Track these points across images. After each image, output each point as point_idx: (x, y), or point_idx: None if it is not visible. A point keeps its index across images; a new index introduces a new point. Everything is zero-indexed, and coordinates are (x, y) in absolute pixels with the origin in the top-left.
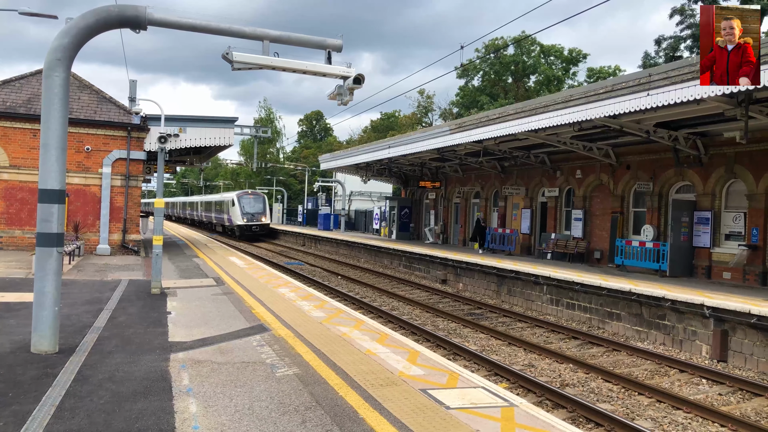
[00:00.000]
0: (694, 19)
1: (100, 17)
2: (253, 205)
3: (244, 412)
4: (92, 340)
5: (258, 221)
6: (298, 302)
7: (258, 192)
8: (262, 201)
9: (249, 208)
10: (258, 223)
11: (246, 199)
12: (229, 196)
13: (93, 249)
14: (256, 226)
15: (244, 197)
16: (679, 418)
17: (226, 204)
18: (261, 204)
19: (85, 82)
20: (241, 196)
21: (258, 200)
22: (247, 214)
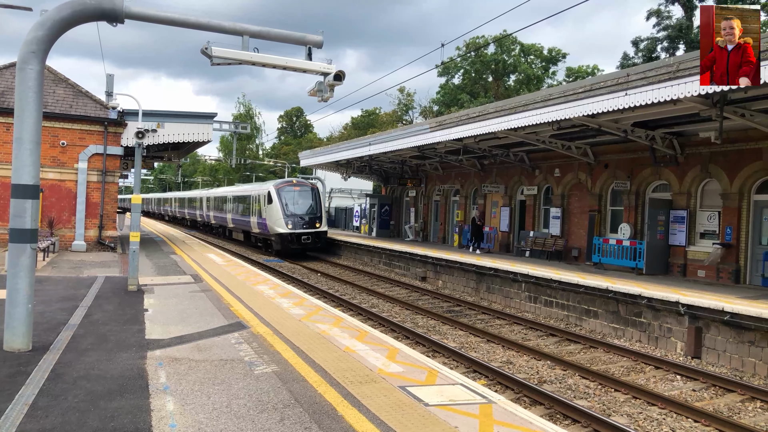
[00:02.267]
0: (670, 21)
1: (76, 10)
2: (303, 203)
3: (222, 410)
4: (67, 338)
5: (311, 227)
6: (277, 299)
7: (304, 181)
8: (315, 196)
9: (296, 207)
10: (311, 231)
11: (290, 193)
12: (262, 189)
13: (68, 245)
14: (308, 236)
15: (287, 189)
16: (654, 414)
17: (257, 200)
18: (313, 200)
19: (60, 75)
20: (281, 187)
21: (307, 194)
22: (294, 216)
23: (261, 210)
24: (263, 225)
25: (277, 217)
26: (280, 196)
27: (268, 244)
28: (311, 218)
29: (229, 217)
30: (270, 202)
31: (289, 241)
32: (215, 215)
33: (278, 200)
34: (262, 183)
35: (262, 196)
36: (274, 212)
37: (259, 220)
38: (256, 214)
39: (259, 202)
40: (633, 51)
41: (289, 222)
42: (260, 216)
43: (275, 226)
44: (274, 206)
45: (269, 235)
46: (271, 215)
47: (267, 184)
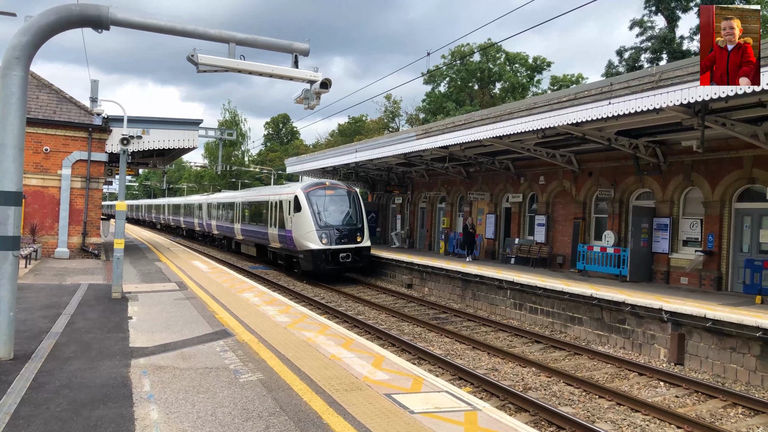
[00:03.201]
0: (653, 31)
1: (60, 16)
2: (340, 210)
3: (207, 419)
4: (49, 346)
5: (351, 242)
6: (263, 307)
7: (339, 183)
8: (354, 202)
9: (332, 216)
10: (351, 247)
11: (323, 198)
12: (285, 193)
13: (51, 252)
14: (347, 253)
15: (319, 193)
16: (638, 420)
17: (277, 207)
18: (352, 207)
19: (44, 81)
20: (312, 191)
21: (345, 199)
22: (330, 228)
23: (284, 219)
24: (287, 239)
25: (307, 229)
26: (310, 201)
27: (293, 263)
28: (351, 230)
29: (237, 227)
30: (297, 209)
31: (324, 260)
32: (219, 224)
33: (309, 207)
34: (283, 186)
35: (286, 202)
36: (303, 222)
37: (280, 232)
38: (275, 224)
39: (280, 209)
40: (617, 60)
41: (323, 235)
42: (282, 227)
43: (305, 240)
44: (304, 215)
45: (295, 251)
46: (300, 226)
47: (291, 187)
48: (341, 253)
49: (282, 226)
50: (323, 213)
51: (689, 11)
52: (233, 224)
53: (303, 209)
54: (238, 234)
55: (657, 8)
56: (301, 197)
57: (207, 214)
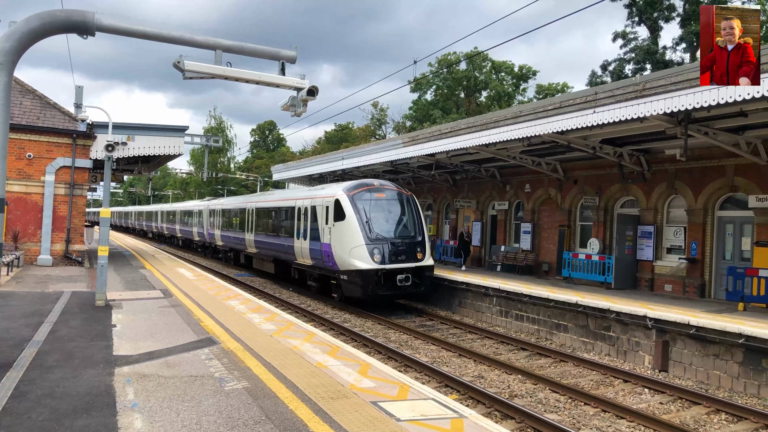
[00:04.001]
0: (637, 42)
1: (45, 22)
2: (394, 219)
3: (192, 427)
4: (31, 355)
5: (410, 260)
6: (249, 315)
7: (390, 184)
8: (411, 208)
9: (385, 226)
10: (410, 266)
11: (373, 203)
12: (320, 197)
13: (33, 259)
14: (406, 274)
15: (366, 197)
16: (623, 427)
17: (308, 215)
18: (408, 213)
19: (27, 86)
20: (358, 193)
21: (399, 204)
22: (383, 242)
23: (318, 230)
24: (322, 254)
25: (353, 243)
26: (357, 207)
27: (330, 285)
28: (409, 244)
29: (249, 238)
30: (339, 216)
31: (376, 283)
32: (225, 234)
33: (355, 214)
34: (315, 188)
35: (321, 208)
36: (347, 234)
37: (312, 246)
38: (305, 235)
39: (312, 217)
40: (601, 71)
41: (375, 251)
42: (314, 239)
43: (350, 257)
44: (349, 225)
45: (333, 270)
46: (343, 239)
47: (329, 189)
48: (399, 274)
49: (315, 238)
50: (374, 222)
51: (671, 21)
52: (244, 234)
53: (348, 217)
54: (250, 246)
55: (640, 19)
56: (345, 201)
57: (209, 222)
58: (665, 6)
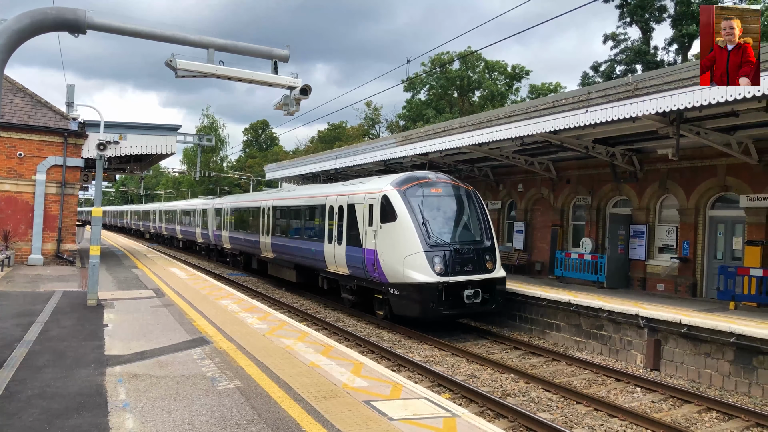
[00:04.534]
0: (627, 43)
1: (36, 20)
2: (457, 219)
3: (184, 427)
4: (22, 355)
5: (479, 271)
6: (241, 314)
7: (446, 177)
8: (475, 206)
9: (445, 230)
10: (480, 278)
11: (428, 199)
12: (361, 192)
13: (24, 259)
14: (475, 289)
15: (421, 192)
16: (615, 426)
17: (348, 213)
18: (473, 213)
19: (18, 85)
20: (410, 188)
21: (460, 200)
22: (445, 248)
23: (360, 233)
24: (366, 262)
25: (408, 249)
26: (411, 205)
27: (375, 300)
28: (477, 252)
29: (264, 241)
30: (389, 216)
31: (438, 300)
32: (233, 236)
33: (410, 214)
34: (353, 182)
35: (364, 207)
36: (400, 238)
37: (350, 252)
38: (340, 238)
39: (350, 216)
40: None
41: (436, 260)
42: (354, 243)
43: (405, 266)
44: (402, 227)
45: (381, 282)
46: (393, 244)
47: (374, 182)
48: (465, 288)
49: (353, 243)
50: (432, 223)
51: (662, 22)
52: (258, 236)
53: (400, 217)
54: (266, 250)
55: (631, 20)
56: (396, 198)
57: (215, 222)
58: (656, 7)
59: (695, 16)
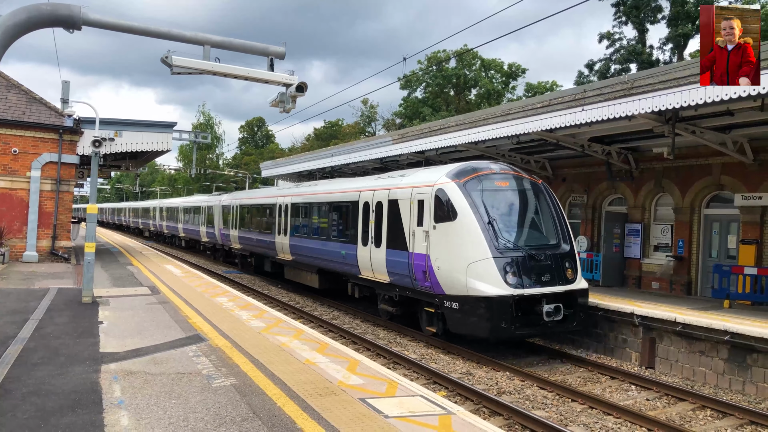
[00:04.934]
0: (621, 42)
1: (31, 15)
2: (529, 218)
3: (179, 425)
4: (16, 352)
5: (558, 281)
6: (237, 312)
7: (510, 168)
8: (547, 201)
9: (515, 231)
10: (560, 290)
11: (493, 194)
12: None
13: (19, 256)
14: (557, 304)
15: (485, 185)
16: (610, 423)
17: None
18: (546, 212)
19: (13, 81)
20: (471, 180)
21: (529, 195)
22: (517, 253)
23: (406, 234)
24: (414, 269)
25: (473, 254)
26: (474, 201)
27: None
28: (555, 258)
29: (281, 242)
30: (446, 214)
31: (510, 317)
32: (244, 236)
33: (473, 212)
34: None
35: (410, 203)
36: (462, 241)
37: (393, 256)
38: (380, 240)
39: (393, 214)
40: (587, 72)
41: (508, 268)
42: (399, 245)
43: (469, 275)
44: (464, 226)
45: (434, 294)
46: (452, 248)
47: (421, 174)
48: (544, 303)
49: (396, 246)
50: (501, 223)
51: (657, 23)
52: (273, 236)
53: (461, 216)
54: (283, 252)
55: (627, 19)
56: (456, 193)
57: (222, 220)
58: (651, 7)
59: (690, 16)
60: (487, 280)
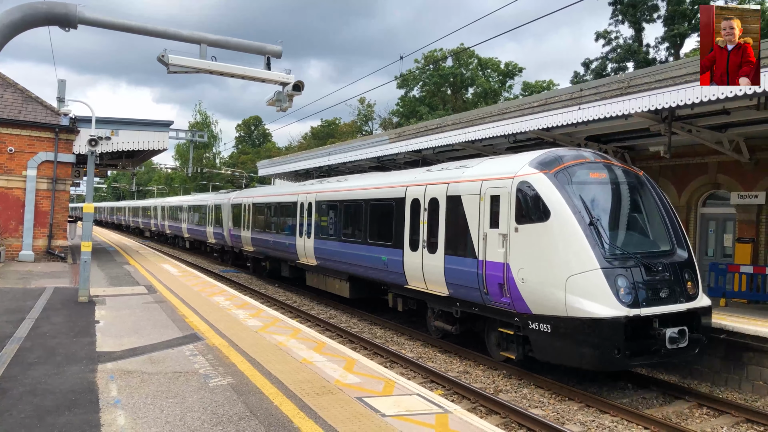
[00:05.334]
0: (618, 41)
1: (26, 14)
2: (633, 217)
3: (176, 424)
4: (12, 351)
5: (681, 296)
6: (234, 311)
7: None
8: (653, 196)
9: (622, 234)
10: (682, 309)
11: (591, 188)
12: (479, 179)
13: (15, 255)
14: (682, 326)
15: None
16: (606, 422)
17: (449, 209)
18: (650, 206)
19: (9, 80)
20: (562, 171)
21: (627, 187)
22: (628, 263)
23: (473, 238)
24: (486, 281)
25: (575, 265)
26: (570, 196)
27: (486, 332)
28: (673, 268)
29: (304, 244)
30: (534, 214)
31: (625, 343)
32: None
33: (572, 210)
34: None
35: (480, 199)
36: (558, 247)
37: (457, 266)
38: (436, 244)
39: (452, 213)
40: (584, 71)
41: (621, 281)
42: (464, 252)
43: (569, 291)
44: (560, 229)
45: (523, 314)
46: (544, 256)
47: (495, 163)
48: (669, 325)
49: (460, 251)
50: (606, 225)
51: (654, 22)
52: (294, 238)
53: (556, 215)
54: (306, 256)
55: (623, 18)
56: (547, 186)
57: (232, 219)
58: (648, 6)
59: (686, 15)
60: (594, 298)
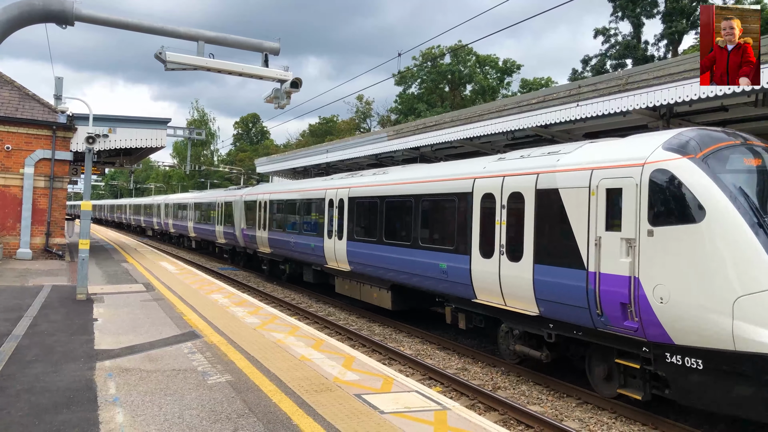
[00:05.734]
0: (617, 38)
1: (23, 11)
2: None
3: (174, 421)
4: (10, 349)
5: None
6: (232, 308)
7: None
8: None
9: None
10: None
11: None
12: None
13: (13, 253)
14: None
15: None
16: (605, 418)
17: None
18: None
19: (6, 77)
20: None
21: None
22: None
23: (580, 244)
24: (611, 300)
25: (746, 284)
26: (729, 189)
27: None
28: None
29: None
30: (678, 214)
31: None
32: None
33: (736, 209)
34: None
35: (596, 195)
36: (715, 257)
37: (554, 278)
38: (519, 249)
39: (542, 212)
40: (582, 67)
41: None
42: (560, 261)
43: (740, 318)
44: (720, 233)
45: (658, 343)
46: (695, 269)
47: (607, 147)
48: None
49: (555, 260)
50: None
51: (653, 18)
52: (322, 239)
53: (711, 214)
54: (337, 260)
55: (623, 14)
56: (696, 175)
57: (245, 218)
58: (647, 2)
59: (685, 12)
60: None
